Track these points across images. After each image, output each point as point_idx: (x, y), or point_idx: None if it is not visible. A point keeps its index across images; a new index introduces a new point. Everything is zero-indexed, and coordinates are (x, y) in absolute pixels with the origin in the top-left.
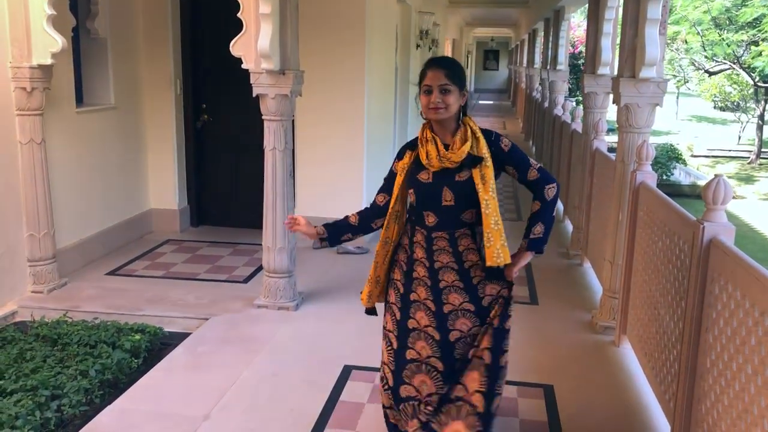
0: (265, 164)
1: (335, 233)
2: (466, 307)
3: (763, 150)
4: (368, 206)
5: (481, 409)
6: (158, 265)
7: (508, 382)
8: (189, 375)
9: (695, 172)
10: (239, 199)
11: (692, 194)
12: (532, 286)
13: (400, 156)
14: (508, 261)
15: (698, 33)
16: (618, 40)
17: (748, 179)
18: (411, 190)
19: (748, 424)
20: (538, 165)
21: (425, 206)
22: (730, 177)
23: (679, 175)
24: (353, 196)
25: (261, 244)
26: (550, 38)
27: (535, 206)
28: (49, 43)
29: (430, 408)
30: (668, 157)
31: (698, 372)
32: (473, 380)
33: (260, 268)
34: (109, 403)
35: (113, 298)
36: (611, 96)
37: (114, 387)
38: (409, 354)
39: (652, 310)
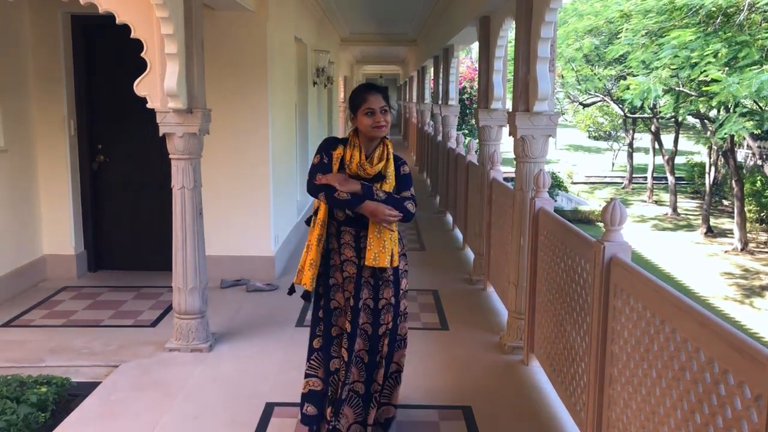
0: (174, 204)
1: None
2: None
3: (634, 175)
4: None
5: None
6: (57, 313)
7: (428, 407)
8: (105, 425)
9: (576, 197)
10: (140, 241)
11: (574, 218)
12: (441, 312)
13: (332, 146)
14: (384, 265)
15: (573, 69)
16: (509, 76)
17: (623, 203)
18: None
19: (656, 423)
20: (412, 195)
21: (335, 204)
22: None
23: (561, 201)
24: (261, 233)
25: (166, 286)
26: (441, 75)
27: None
28: None
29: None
30: (551, 184)
31: (606, 381)
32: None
33: (167, 310)
34: None
35: (11, 350)
36: (504, 129)
37: None
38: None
39: (558, 327)
